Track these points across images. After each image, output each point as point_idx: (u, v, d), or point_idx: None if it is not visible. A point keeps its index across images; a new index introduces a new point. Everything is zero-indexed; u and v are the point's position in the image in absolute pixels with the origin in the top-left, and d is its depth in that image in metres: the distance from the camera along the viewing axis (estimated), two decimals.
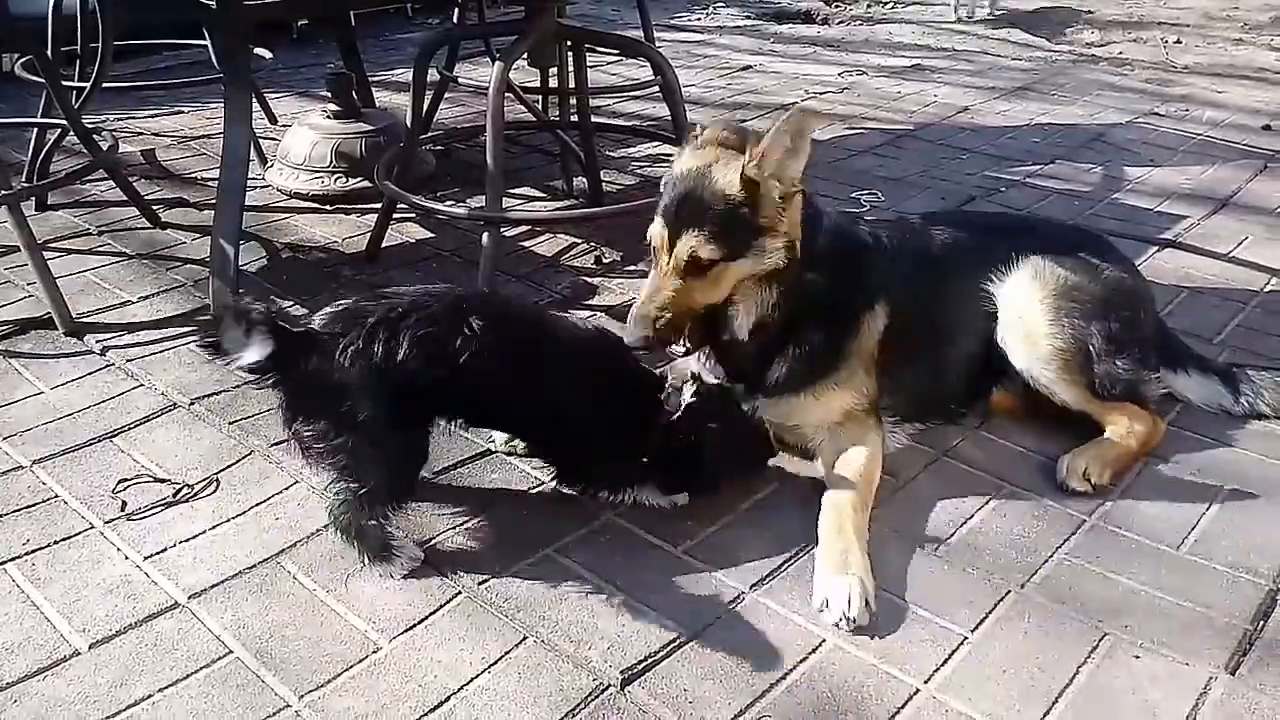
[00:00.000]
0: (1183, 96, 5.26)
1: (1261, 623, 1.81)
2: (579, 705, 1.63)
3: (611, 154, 4.27)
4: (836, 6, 7.61)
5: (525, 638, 1.76)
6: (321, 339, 1.83)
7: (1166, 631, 1.78)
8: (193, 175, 4.02)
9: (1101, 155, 4.36)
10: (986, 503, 2.13)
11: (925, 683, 1.67)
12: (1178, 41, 6.48)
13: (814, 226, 2.12)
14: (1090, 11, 7.39)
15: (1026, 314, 2.27)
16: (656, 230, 2.04)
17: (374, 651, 1.73)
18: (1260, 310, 2.97)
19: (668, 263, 2.01)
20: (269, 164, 3.90)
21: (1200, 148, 4.46)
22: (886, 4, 7.71)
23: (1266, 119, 4.84)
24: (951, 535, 2.03)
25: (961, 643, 1.76)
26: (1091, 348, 2.24)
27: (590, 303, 3.02)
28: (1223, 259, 3.32)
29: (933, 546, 2.00)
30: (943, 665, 1.71)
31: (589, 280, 3.16)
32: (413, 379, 1.81)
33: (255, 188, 3.74)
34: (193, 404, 2.46)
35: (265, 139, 4.15)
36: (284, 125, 4.31)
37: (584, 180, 3.80)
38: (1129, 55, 6.17)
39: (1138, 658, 1.73)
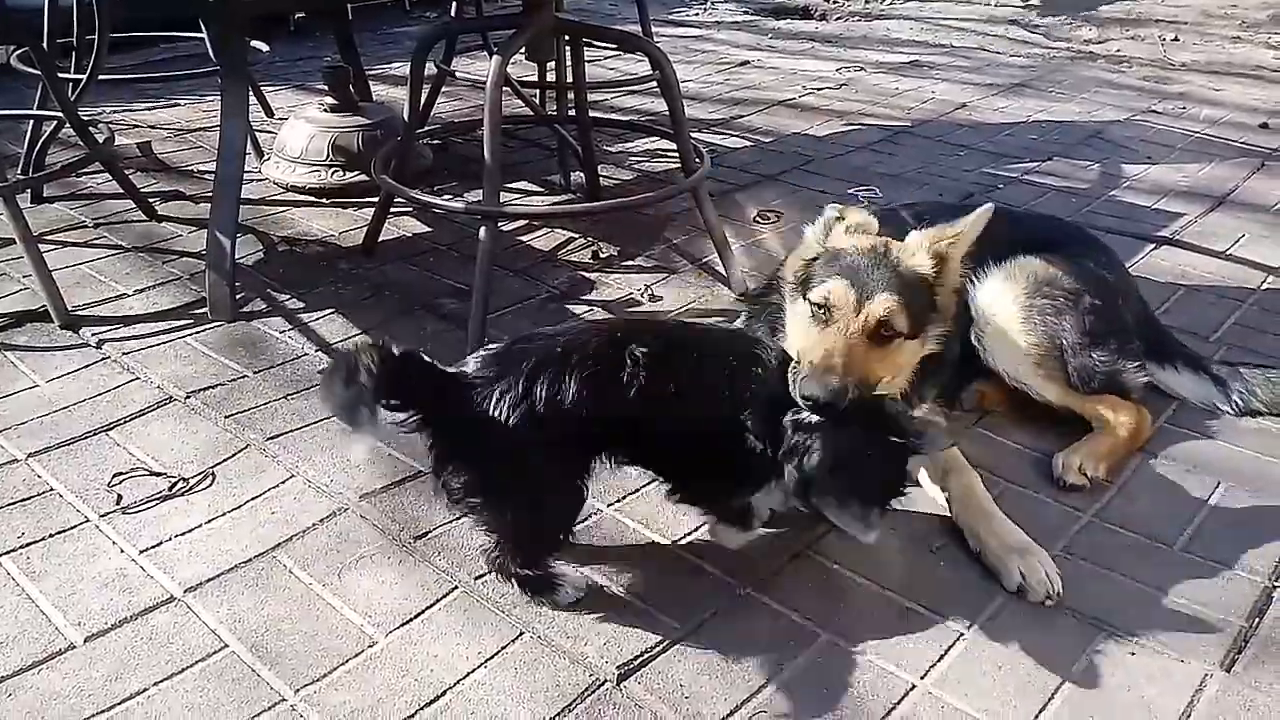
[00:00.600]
0: (1180, 94, 5.26)
1: (1257, 620, 1.81)
2: (575, 700, 1.63)
3: (609, 149, 4.26)
4: (834, 3, 7.60)
5: (521, 633, 1.76)
6: (477, 384, 1.70)
7: (1162, 629, 1.79)
8: (189, 168, 4.01)
9: (1099, 152, 4.36)
10: None
11: (922, 679, 1.68)
12: (1175, 39, 6.48)
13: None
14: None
15: (999, 315, 2.30)
16: (838, 288, 1.87)
17: (370, 646, 1.73)
18: (1257, 308, 2.97)
19: (855, 322, 1.85)
20: (265, 157, 3.89)
21: (1198, 145, 4.46)
22: (884, 0, 7.70)
23: (1264, 117, 4.84)
24: (948, 531, 2.03)
25: (958, 639, 1.76)
26: (1064, 343, 2.27)
27: (587, 298, 3.02)
28: (1220, 256, 3.32)
29: (929, 544, 2.00)
30: (939, 661, 1.71)
31: (586, 275, 3.16)
32: (578, 422, 1.68)
33: (251, 181, 3.74)
34: (189, 397, 2.45)
35: (262, 132, 4.14)
36: (281, 118, 4.31)
37: (581, 175, 3.79)
38: (1126, 52, 6.17)
39: (1133, 655, 1.73)
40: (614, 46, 5.13)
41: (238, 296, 2.88)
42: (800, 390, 1.72)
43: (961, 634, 1.77)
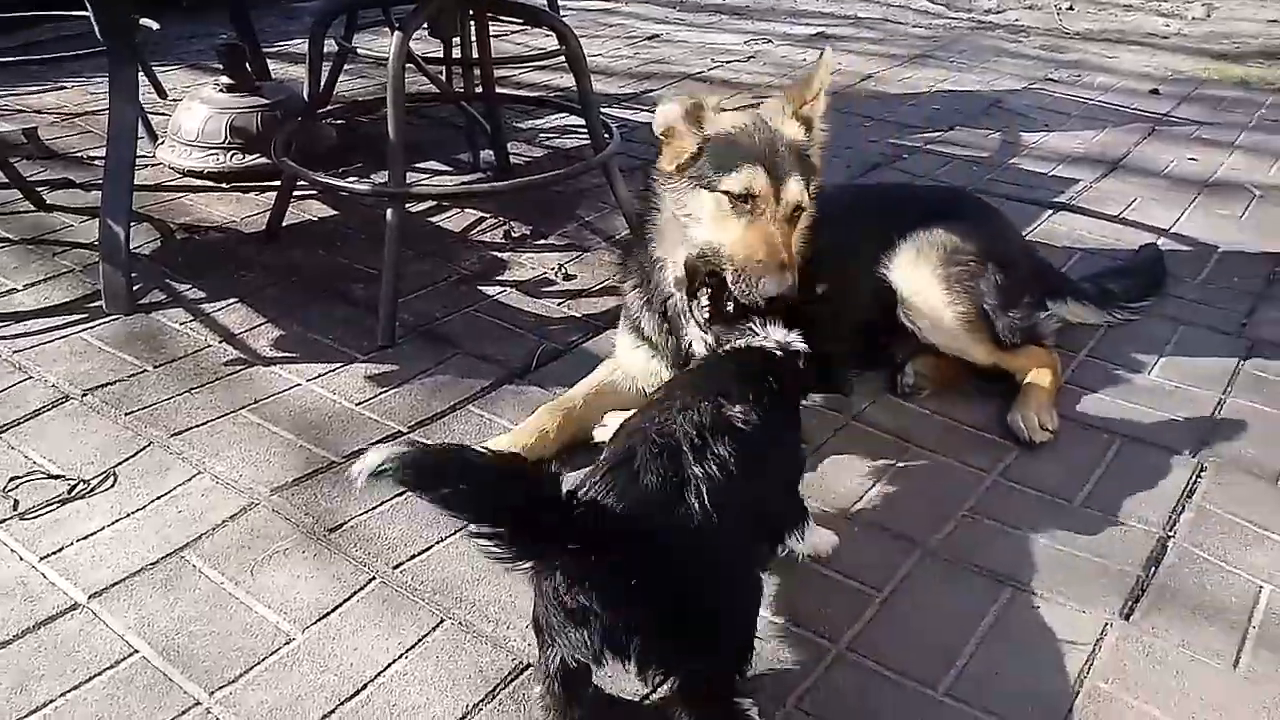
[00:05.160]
0: (1075, 62, 5.42)
1: (1153, 569, 1.90)
2: (499, 686, 1.63)
3: (519, 126, 4.21)
4: None
5: (442, 620, 1.75)
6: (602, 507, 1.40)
7: (1064, 581, 1.86)
8: (78, 154, 3.84)
9: (999, 121, 4.46)
10: (894, 464, 2.19)
11: (837, 643, 1.72)
12: (1070, 8, 6.66)
13: None
14: None
15: (922, 290, 2.37)
16: (759, 178, 1.89)
17: (286, 643, 1.70)
18: None
19: (777, 208, 1.91)
20: (160, 141, 3.74)
21: (1092, 112, 4.60)
22: None
23: (1154, 83, 5.02)
24: (861, 498, 2.08)
25: (871, 602, 1.81)
26: (986, 306, 2.37)
27: (501, 278, 2.99)
28: (1114, 220, 3.44)
29: (843, 509, 2.05)
30: (854, 624, 1.75)
31: (498, 255, 3.13)
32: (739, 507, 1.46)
33: (146, 166, 3.60)
34: (86, 395, 2.36)
35: (155, 114, 3.98)
36: (175, 100, 4.15)
37: (491, 153, 3.74)
38: (1024, 22, 6.33)
39: (1037, 608, 1.80)
40: (520, 21, 5.05)
41: (134, 288, 2.77)
42: (763, 292, 1.75)
43: (875, 597, 1.82)
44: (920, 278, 2.37)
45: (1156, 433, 2.31)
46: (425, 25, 3.07)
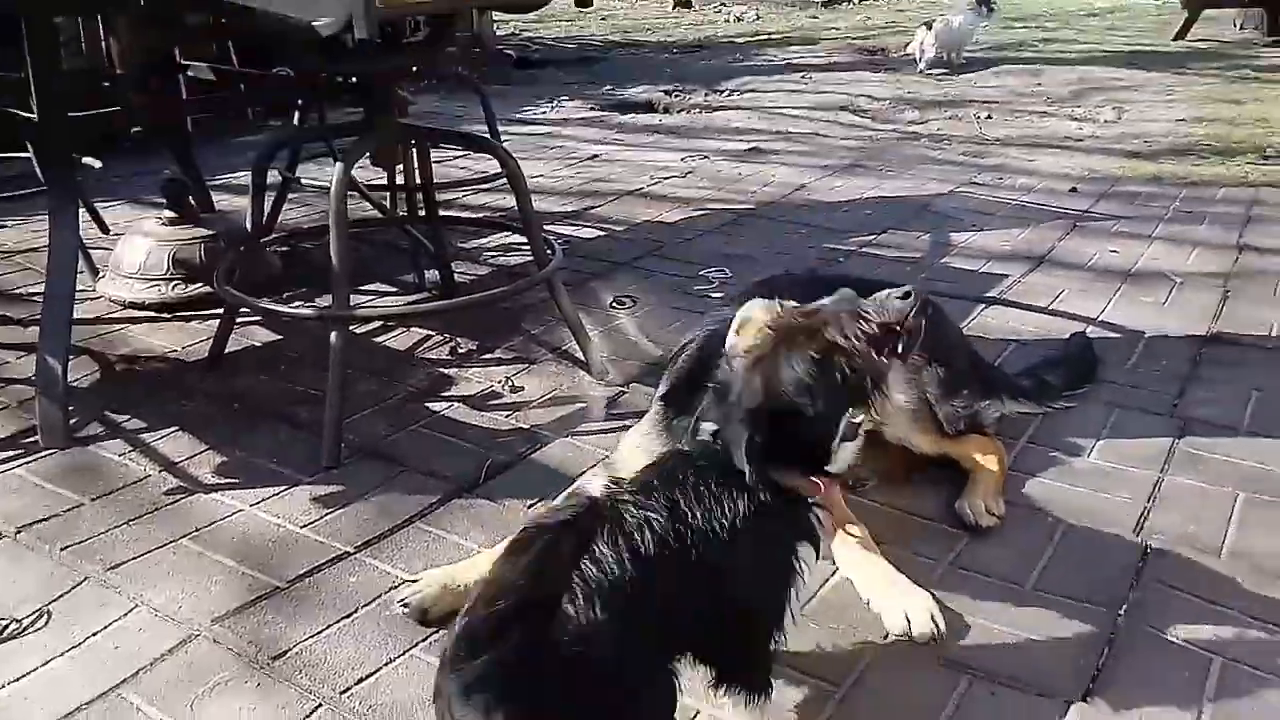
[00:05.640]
0: (997, 166, 5.67)
1: (1106, 648, 1.90)
2: None
3: (463, 245, 4.28)
4: (677, 96, 7.92)
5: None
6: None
7: (1021, 666, 1.85)
8: (17, 291, 3.82)
9: (929, 223, 4.63)
10: None
11: None
12: (989, 117, 6.99)
13: None
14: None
15: None
16: None
17: None
18: None
19: None
20: (100, 274, 3.74)
21: (1016, 212, 4.80)
22: (723, 92, 8.07)
23: (1073, 183, 5.25)
24: (815, 595, 2.07)
25: (830, 699, 1.78)
26: (929, 397, 2.42)
27: (447, 394, 2.99)
28: (1044, 312, 3.56)
29: (796, 608, 2.03)
30: None
31: (445, 371, 3.14)
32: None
33: (86, 300, 3.59)
34: (19, 533, 2.30)
35: (96, 249, 3.98)
36: (117, 234, 4.16)
37: (436, 273, 3.79)
38: (947, 131, 6.62)
39: (993, 694, 1.79)
40: (459, 147, 5.20)
41: (72, 421, 2.73)
42: None
43: (832, 694, 1.79)
44: None
45: (1100, 514, 2.34)
46: (367, 156, 3.14)
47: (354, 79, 3.29)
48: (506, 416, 2.85)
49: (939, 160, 5.85)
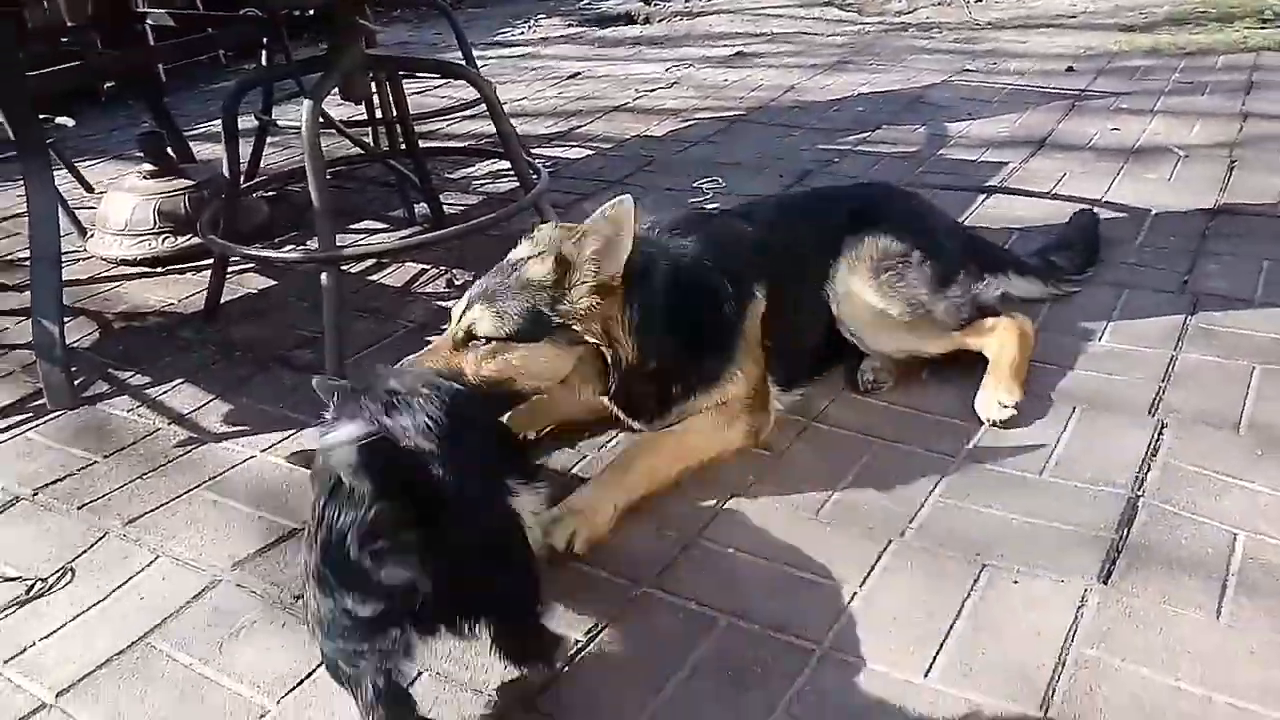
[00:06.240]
0: (990, 51, 5.53)
1: (1125, 530, 1.90)
2: None
3: (451, 176, 4.22)
4: (656, 5, 7.72)
5: (419, 673, 1.71)
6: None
7: (1040, 554, 1.85)
8: (8, 257, 3.78)
9: (923, 115, 4.53)
10: (859, 460, 2.18)
11: (820, 643, 1.69)
12: (979, 1, 6.80)
13: (649, 292, 2.10)
14: None
15: (859, 301, 2.39)
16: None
17: (262, 716, 1.65)
18: None
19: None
20: (89, 234, 3.70)
21: (1012, 96, 4.69)
22: None
23: (1069, 61, 5.13)
24: (830, 497, 2.07)
25: (851, 599, 1.79)
26: (923, 299, 2.38)
27: (446, 326, 2.95)
28: (1046, 197, 3.50)
29: (813, 510, 2.03)
30: (835, 623, 1.73)
31: (442, 305, 3.11)
32: None
33: (78, 260, 3.56)
34: (36, 494, 2.30)
35: (83, 209, 3.93)
36: (101, 193, 4.10)
37: (425, 206, 3.73)
38: (936, 19, 6.46)
39: (1016, 583, 1.79)
40: (437, 75, 5.08)
41: (76, 381, 2.72)
42: None
43: (855, 593, 1.80)
44: (857, 291, 2.38)
45: (1114, 396, 2.32)
46: (338, 90, 3.06)
47: (312, 11, 3.19)
48: None
49: (930, 50, 5.71)
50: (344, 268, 2.92)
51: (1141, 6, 6.12)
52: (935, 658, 1.64)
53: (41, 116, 3.14)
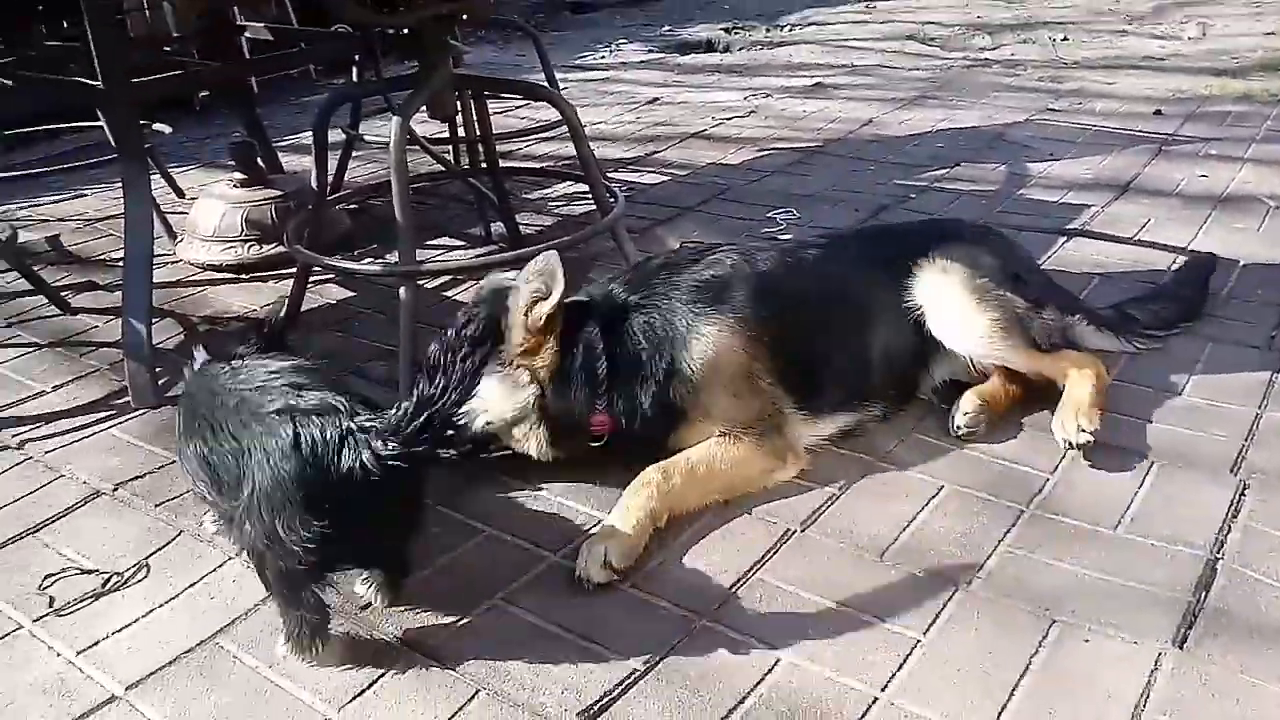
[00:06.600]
0: (1075, 90, 5.45)
1: (1203, 594, 1.84)
2: None
3: (528, 196, 4.27)
4: (737, 34, 7.76)
5: (478, 691, 1.72)
6: None
7: (1113, 612, 1.81)
8: (101, 257, 3.93)
9: (1003, 154, 4.48)
10: (926, 503, 2.15)
11: (882, 690, 1.67)
12: (1065, 38, 6.71)
13: (574, 340, 2.27)
14: None
15: (953, 303, 2.40)
16: None
17: None
18: None
19: None
20: (179, 238, 3.82)
21: (1096, 138, 4.61)
22: (784, 28, 7.87)
23: (1157, 104, 5.03)
24: (895, 540, 2.04)
25: (915, 646, 1.76)
26: (1018, 311, 2.39)
27: None
28: (1129, 243, 3.42)
29: (877, 553, 2.01)
30: (898, 670, 1.71)
31: None
32: None
33: (167, 264, 3.68)
34: (116, 490, 2.38)
35: (174, 214, 4.07)
36: (192, 198, 4.24)
37: (501, 225, 3.79)
38: (1020, 56, 6.38)
39: (1087, 641, 1.75)
40: (519, 96, 5.16)
41: (160, 381, 2.81)
42: None
43: (919, 640, 1.77)
44: (950, 291, 2.41)
45: (1195, 453, 2.26)
46: (425, 108, 3.13)
47: (405, 30, 3.27)
48: None
49: (1013, 87, 5.64)
50: (420, 283, 2.98)
51: (1234, 51, 5.98)
52: (1000, 715, 1.61)
53: (140, 122, 3.25)
